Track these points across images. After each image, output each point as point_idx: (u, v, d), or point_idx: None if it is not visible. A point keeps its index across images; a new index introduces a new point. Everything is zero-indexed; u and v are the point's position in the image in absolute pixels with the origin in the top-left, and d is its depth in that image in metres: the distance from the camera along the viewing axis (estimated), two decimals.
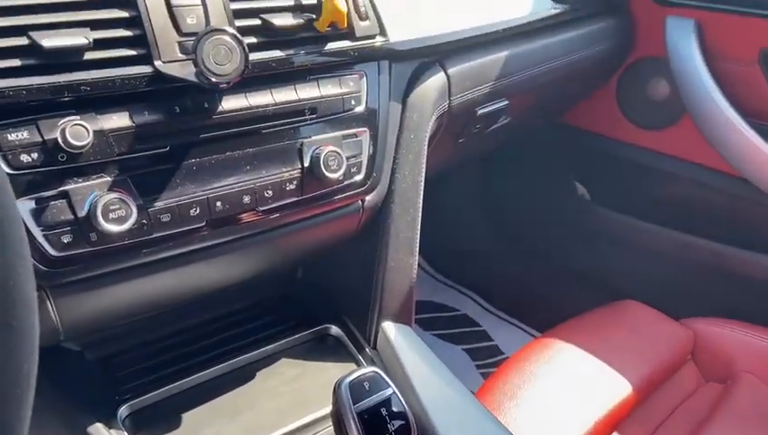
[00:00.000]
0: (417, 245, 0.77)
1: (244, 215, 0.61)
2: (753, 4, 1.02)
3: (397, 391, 0.57)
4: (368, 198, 0.71)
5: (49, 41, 0.49)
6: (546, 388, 0.83)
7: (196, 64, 0.53)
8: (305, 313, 0.80)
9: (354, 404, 0.54)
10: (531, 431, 0.76)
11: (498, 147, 1.25)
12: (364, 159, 0.68)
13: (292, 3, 0.63)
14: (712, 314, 1.01)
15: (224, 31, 0.53)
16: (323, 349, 0.77)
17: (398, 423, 0.55)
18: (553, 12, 0.94)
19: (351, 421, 0.53)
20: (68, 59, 0.50)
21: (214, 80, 0.53)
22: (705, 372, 0.97)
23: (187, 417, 0.67)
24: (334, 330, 0.77)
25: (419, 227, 0.77)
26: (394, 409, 0.56)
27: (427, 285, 1.54)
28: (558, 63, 0.97)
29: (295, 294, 0.84)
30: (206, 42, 0.52)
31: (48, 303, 0.53)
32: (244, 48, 0.54)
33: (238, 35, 0.53)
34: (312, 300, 0.82)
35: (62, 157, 0.49)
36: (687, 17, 1.08)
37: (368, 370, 0.57)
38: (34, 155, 0.49)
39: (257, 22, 0.60)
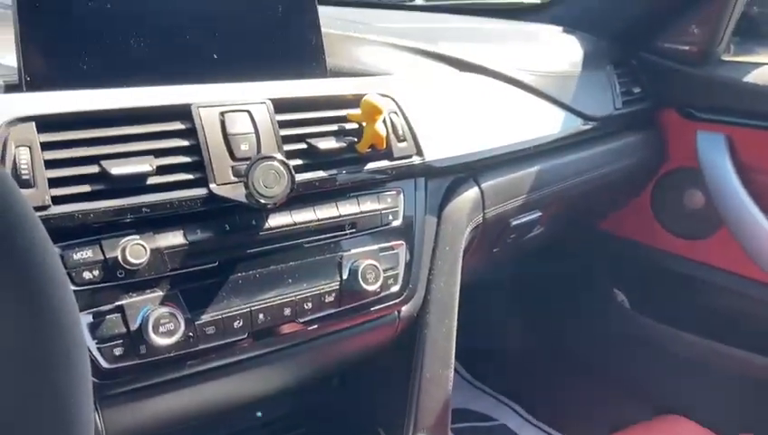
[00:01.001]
0: (453, 356, 0.77)
1: (285, 326, 0.63)
2: None
3: None
4: (404, 308, 0.72)
5: (117, 169, 0.54)
6: None
7: (246, 187, 0.57)
8: (341, 423, 0.80)
9: None
10: None
11: (534, 254, 1.26)
12: (401, 270, 0.70)
13: (335, 127, 0.68)
14: (762, 432, 0.96)
15: (273, 157, 0.57)
16: None
17: None
18: (583, 128, 0.98)
19: None
20: (132, 184, 0.55)
21: (263, 201, 0.57)
22: None
23: None
24: None
25: (455, 338, 0.77)
26: None
27: (462, 392, 1.50)
28: (589, 177, 1.00)
29: (331, 402, 0.85)
30: (257, 167, 0.57)
31: (96, 413, 0.56)
32: (291, 172, 0.58)
33: (286, 161, 0.58)
34: (348, 409, 0.82)
35: (120, 273, 0.53)
36: (718, 132, 1.11)
37: None
38: (96, 272, 0.53)
39: (303, 146, 0.65)
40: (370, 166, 0.69)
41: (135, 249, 0.53)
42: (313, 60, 0.73)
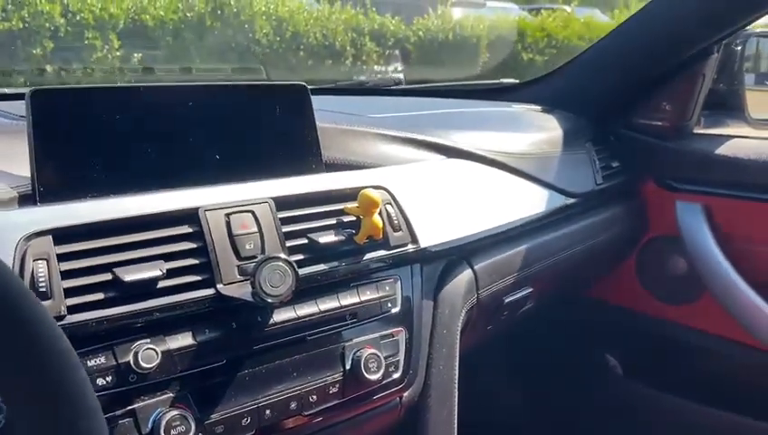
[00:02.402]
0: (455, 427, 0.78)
1: (290, 420, 0.64)
2: (756, 190, 1.10)
3: None
4: (405, 394, 0.74)
5: (130, 275, 0.56)
6: None
7: (253, 286, 0.60)
8: None
9: None
10: None
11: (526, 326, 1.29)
12: (401, 357, 0.72)
13: (334, 221, 0.71)
14: None
15: (278, 258, 0.60)
16: None
17: None
18: (567, 205, 1.02)
19: None
20: (144, 289, 0.57)
21: (270, 300, 0.59)
22: None
23: None
24: None
25: (456, 419, 0.79)
26: None
27: None
28: (575, 250, 1.04)
29: None
30: (263, 268, 0.59)
31: None
32: (295, 271, 0.61)
33: (291, 260, 0.61)
34: None
35: (132, 378, 0.55)
36: (696, 201, 1.16)
37: None
38: (108, 378, 0.54)
39: (305, 241, 0.68)
40: (368, 256, 0.72)
41: (147, 353, 0.55)
42: (310, 155, 0.77)
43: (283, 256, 0.61)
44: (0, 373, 0.33)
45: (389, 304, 0.72)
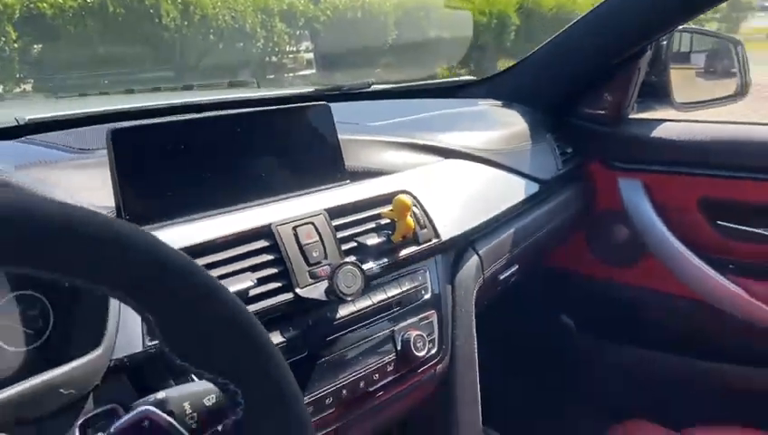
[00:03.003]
0: (479, 400, 0.93)
1: (360, 397, 0.76)
2: (685, 165, 1.30)
3: None
4: (439, 367, 0.87)
5: (230, 288, 0.65)
6: None
7: (331, 287, 0.70)
8: None
9: None
10: None
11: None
12: (435, 335, 0.85)
13: (373, 225, 0.82)
14: (701, 421, 1.18)
15: (351, 262, 0.71)
16: None
17: None
18: (538, 190, 1.18)
19: None
20: (241, 299, 0.66)
21: (348, 299, 0.70)
22: None
23: None
24: None
25: (478, 386, 0.93)
26: None
27: None
28: (547, 229, 1.20)
29: None
30: (339, 272, 0.70)
31: None
32: (363, 272, 0.72)
33: (359, 264, 0.72)
34: None
35: None
36: (635, 178, 1.35)
37: None
38: None
39: (354, 244, 0.79)
40: (404, 252, 0.84)
41: None
42: (337, 167, 0.88)
43: (353, 259, 0.72)
44: (239, 367, 0.43)
45: (423, 292, 0.85)
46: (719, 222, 1.28)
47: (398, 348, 0.80)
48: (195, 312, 0.41)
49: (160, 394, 0.46)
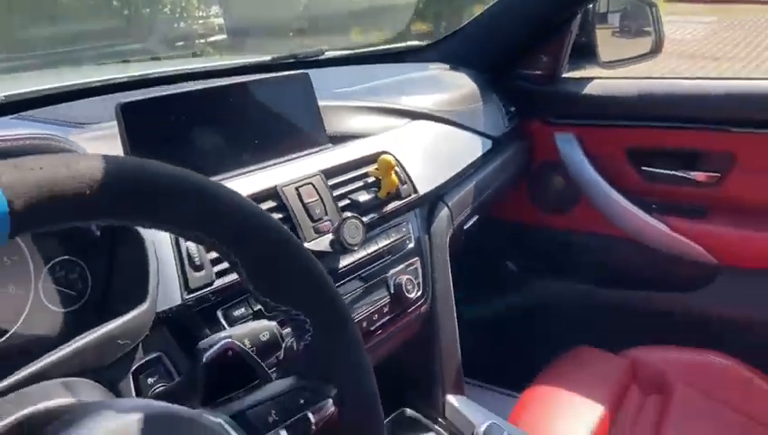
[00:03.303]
0: (457, 332, 1.04)
1: (365, 337, 0.85)
2: (611, 118, 1.45)
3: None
4: (423, 307, 0.98)
5: None
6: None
7: (337, 239, 0.78)
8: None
9: None
10: None
11: None
12: (420, 279, 0.95)
13: (362, 183, 0.91)
14: (636, 343, 1.36)
15: (353, 216, 0.79)
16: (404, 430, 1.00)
17: None
18: (491, 147, 1.29)
19: None
20: None
21: (353, 248, 0.79)
22: (645, 388, 1.30)
23: None
24: (409, 412, 1.01)
25: (456, 322, 1.04)
26: None
27: None
28: (499, 182, 1.32)
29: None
30: (344, 225, 0.78)
31: None
32: (364, 225, 0.80)
33: (360, 218, 0.80)
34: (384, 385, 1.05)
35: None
36: (569, 132, 1.49)
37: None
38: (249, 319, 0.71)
39: (348, 201, 0.87)
40: (390, 207, 0.93)
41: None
42: (319, 132, 0.95)
43: (355, 214, 0.80)
44: (308, 300, 0.50)
45: (407, 241, 0.95)
46: (643, 168, 1.45)
47: (392, 291, 0.89)
48: (274, 256, 0.48)
49: (224, 333, 0.54)
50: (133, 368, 0.63)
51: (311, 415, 0.49)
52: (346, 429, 0.51)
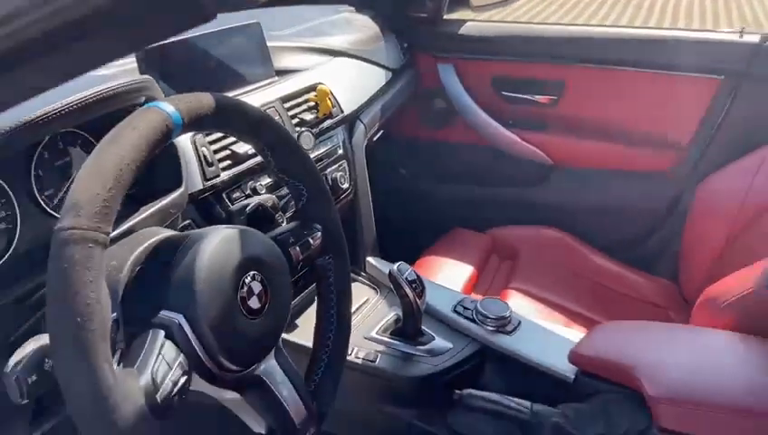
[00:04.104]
0: (372, 211, 1.45)
1: None
2: (479, 53, 1.87)
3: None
4: (350, 196, 1.37)
5: (241, 149, 1.07)
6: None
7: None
8: None
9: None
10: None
11: None
12: (347, 175, 1.34)
13: (306, 107, 1.26)
14: (497, 224, 1.85)
15: (306, 130, 1.15)
16: None
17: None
18: (392, 76, 1.67)
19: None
20: (250, 156, 1.08)
21: (308, 151, 1.15)
22: (501, 257, 1.80)
23: None
24: None
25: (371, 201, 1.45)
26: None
27: None
28: (398, 103, 1.71)
29: None
30: (302, 135, 1.14)
31: None
32: (314, 135, 1.17)
33: (312, 131, 1.17)
34: None
35: (249, 194, 1.08)
36: (449, 64, 1.90)
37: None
38: (242, 198, 1.07)
39: (298, 120, 1.22)
40: (325, 124, 1.29)
41: (256, 185, 1.09)
42: (268, 68, 1.28)
43: (306, 128, 1.16)
44: (305, 173, 0.87)
45: (338, 148, 1.32)
46: (503, 92, 1.89)
47: (330, 184, 1.27)
48: (285, 145, 0.84)
49: (255, 198, 0.90)
50: (178, 229, 0.97)
51: (310, 239, 0.86)
52: (325, 243, 0.89)
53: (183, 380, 0.63)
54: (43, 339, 0.63)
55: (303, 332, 1.20)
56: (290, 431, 0.77)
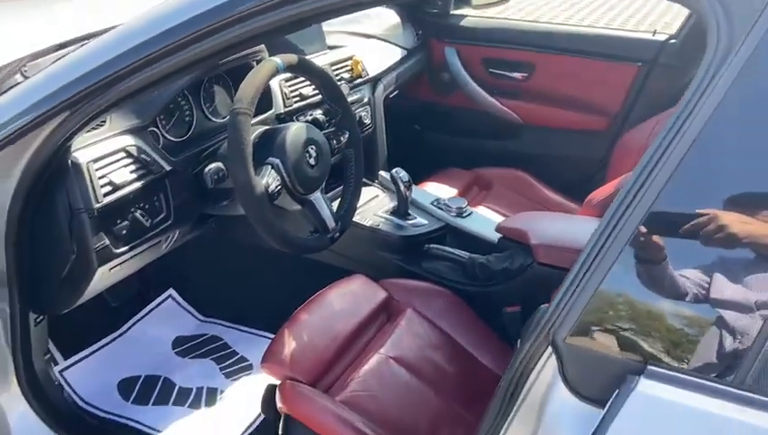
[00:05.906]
0: (385, 140, 2.18)
1: None
2: (474, 39, 2.56)
3: None
4: (371, 129, 2.10)
5: None
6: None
7: None
8: None
9: None
10: None
11: None
12: (369, 115, 2.07)
13: (345, 68, 1.99)
14: (479, 166, 2.54)
15: (346, 80, 1.89)
16: None
17: None
18: (407, 53, 2.39)
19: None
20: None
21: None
22: (480, 188, 2.49)
23: None
24: None
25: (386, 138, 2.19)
26: None
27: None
28: (411, 72, 2.43)
29: None
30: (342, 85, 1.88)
31: None
32: (348, 85, 1.90)
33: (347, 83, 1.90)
34: None
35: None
36: (453, 47, 2.60)
37: None
38: None
39: (343, 79, 1.96)
40: (356, 82, 2.02)
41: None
42: (322, 44, 2.01)
43: (345, 82, 1.90)
44: (339, 99, 1.60)
45: (365, 98, 2.05)
46: (490, 70, 2.58)
47: (358, 118, 2.00)
48: (333, 88, 1.57)
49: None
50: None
51: (342, 138, 1.59)
52: (349, 142, 1.61)
53: (278, 189, 1.37)
54: (216, 163, 1.40)
55: None
56: (324, 231, 1.51)
